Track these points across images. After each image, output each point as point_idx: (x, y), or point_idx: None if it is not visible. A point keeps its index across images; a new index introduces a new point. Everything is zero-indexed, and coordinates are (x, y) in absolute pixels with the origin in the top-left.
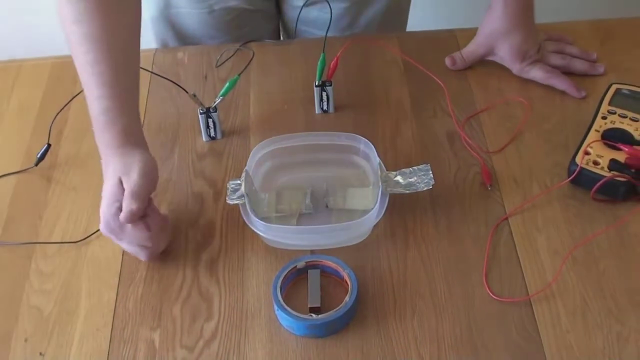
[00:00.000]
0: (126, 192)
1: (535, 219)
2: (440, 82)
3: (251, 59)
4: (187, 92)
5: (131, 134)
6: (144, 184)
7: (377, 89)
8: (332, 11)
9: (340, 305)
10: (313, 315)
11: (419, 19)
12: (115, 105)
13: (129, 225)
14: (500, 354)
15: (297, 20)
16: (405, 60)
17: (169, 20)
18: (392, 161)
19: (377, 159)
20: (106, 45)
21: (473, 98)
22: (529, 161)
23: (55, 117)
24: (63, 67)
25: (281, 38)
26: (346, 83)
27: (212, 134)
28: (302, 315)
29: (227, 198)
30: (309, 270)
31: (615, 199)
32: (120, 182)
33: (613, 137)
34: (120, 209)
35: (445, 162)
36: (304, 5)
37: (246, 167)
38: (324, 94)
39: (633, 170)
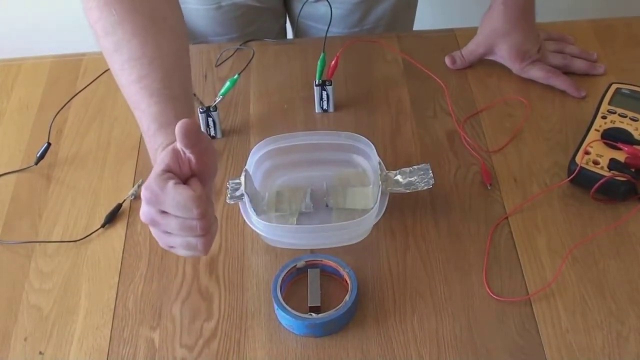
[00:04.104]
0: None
1: (535, 219)
2: (440, 81)
3: (251, 58)
4: None
5: None
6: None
7: (377, 88)
8: (343, 7)
9: (340, 305)
10: (313, 314)
11: (419, 19)
12: (165, 109)
13: (171, 186)
14: (500, 354)
15: (298, 15)
16: (405, 59)
17: None
18: (392, 160)
19: (377, 158)
20: (147, 62)
21: (473, 97)
22: (528, 160)
23: (55, 116)
24: (63, 65)
25: (289, 35)
26: (346, 82)
27: (212, 133)
28: (302, 315)
29: (227, 197)
30: (308, 270)
31: (615, 198)
32: (172, 150)
33: (613, 137)
34: (165, 170)
35: (445, 162)
36: (306, 1)
37: (246, 166)
38: (324, 93)
39: (633, 170)
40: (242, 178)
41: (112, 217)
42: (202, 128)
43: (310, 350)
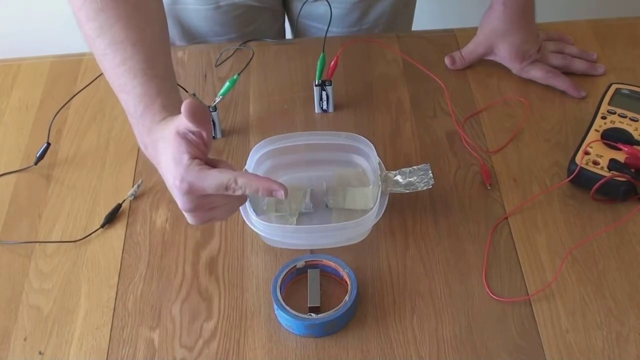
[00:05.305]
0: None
1: (535, 219)
2: (440, 81)
3: (251, 58)
4: (187, 91)
5: (174, 110)
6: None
7: (377, 88)
8: (342, 6)
9: (340, 305)
10: (312, 314)
11: (418, 19)
12: (150, 88)
13: (206, 172)
14: (500, 354)
15: (298, 14)
16: (405, 60)
17: (175, 17)
18: (392, 161)
19: (377, 158)
20: (131, 44)
21: (473, 98)
22: (528, 161)
23: (55, 116)
24: (63, 65)
25: (288, 34)
26: (346, 82)
27: (212, 133)
28: (301, 315)
29: None
30: (308, 270)
31: (615, 198)
32: (177, 135)
33: (613, 137)
34: (191, 158)
35: (445, 162)
36: (306, 0)
37: (246, 167)
38: (324, 93)
39: (633, 170)
40: None
41: (112, 217)
42: None
43: (310, 350)
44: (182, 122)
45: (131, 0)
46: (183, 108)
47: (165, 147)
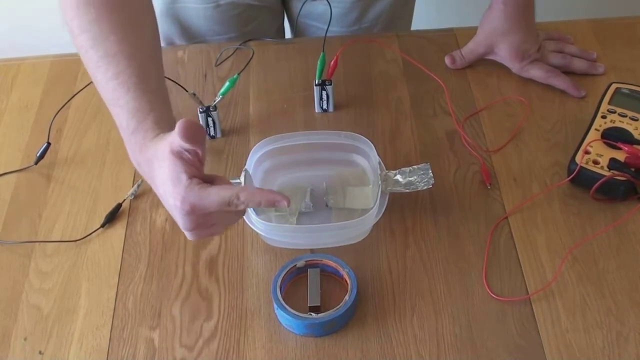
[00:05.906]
0: (193, 153)
1: (535, 218)
2: (440, 81)
3: (251, 58)
4: (186, 91)
5: (167, 126)
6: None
7: (377, 88)
8: (341, 5)
9: (340, 304)
10: (312, 314)
11: (419, 19)
12: (142, 103)
13: (207, 190)
14: (499, 353)
15: (298, 14)
16: (405, 59)
17: (174, 16)
18: (392, 160)
19: (377, 157)
20: (124, 58)
21: (473, 97)
22: (528, 160)
23: (55, 115)
24: (63, 65)
25: (287, 34)
26: (346, 82)
27: (212, 132)
28: (301, 314)
29: None
30: (308, 269)
31: (614, 198)
32: (172, 154)
33: (613, 136)
34: (190, 177)
35: (445, 161)
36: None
37: (246, 166)
38: (324, 92)
39: (633, 169)
40: (242, 178)
41: (112, 217)
42: None
43: (310, 350)
44: (175, 139)
45: (125, 11)
46: (177, 128)
47: (160, 166)
